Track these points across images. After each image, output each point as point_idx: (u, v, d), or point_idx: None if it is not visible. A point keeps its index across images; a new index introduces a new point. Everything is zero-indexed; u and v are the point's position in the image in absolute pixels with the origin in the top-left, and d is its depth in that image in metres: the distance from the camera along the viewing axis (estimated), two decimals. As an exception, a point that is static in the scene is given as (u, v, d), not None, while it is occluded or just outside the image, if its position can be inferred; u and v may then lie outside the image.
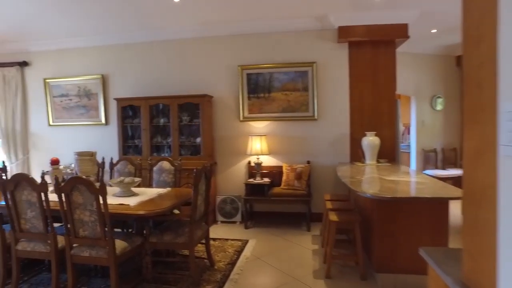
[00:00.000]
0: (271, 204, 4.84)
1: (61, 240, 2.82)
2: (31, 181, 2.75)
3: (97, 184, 2.56)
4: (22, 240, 2.93)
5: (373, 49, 4.73)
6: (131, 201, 3.01)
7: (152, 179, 4.10)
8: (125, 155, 5.08)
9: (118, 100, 5.08)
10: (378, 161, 4.52)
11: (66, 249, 2.75)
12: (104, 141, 5.47)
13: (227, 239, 4.27)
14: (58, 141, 5.74)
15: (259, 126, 5.03)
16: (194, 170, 2.97)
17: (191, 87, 5.08)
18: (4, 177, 2.91)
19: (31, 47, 5.65)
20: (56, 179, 2.67)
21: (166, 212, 2.88)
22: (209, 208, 3.45)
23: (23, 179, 2.77)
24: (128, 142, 5.19)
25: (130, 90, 5.30)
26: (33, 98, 5.78)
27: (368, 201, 3.25)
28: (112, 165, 4.25)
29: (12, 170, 5.90)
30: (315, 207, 4.80)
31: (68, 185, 2.61)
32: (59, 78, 5.55)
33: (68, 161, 4.91)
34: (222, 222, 4.98)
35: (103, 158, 4.35)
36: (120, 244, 2.76)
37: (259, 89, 4.97)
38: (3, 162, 5.73)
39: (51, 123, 5.71)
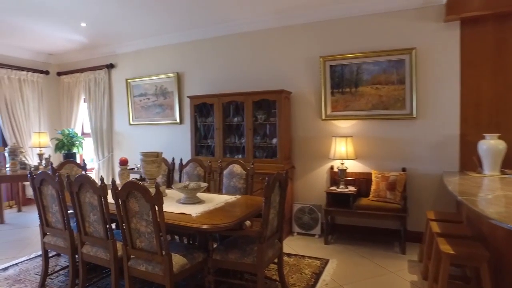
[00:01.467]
0: (357, 218, 4.10)
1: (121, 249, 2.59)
2: (93, 183, 2.56)
3: (153, 191, 2.22)
4: (86, 243, 2.79)
5: (497, 25, 3.66)
6: (194, 210, 2.64)
7: (222, 184, 3.75)
8: (197, 155, 4.86)
9: (191, 98, 4.88)
10: (502, 172, 3.46)
11: (123, 260, 2.49)
12: (178, 141, 5.36)
13: (303, 256, 3.69)
14: (137, 140, 5.84)
15: (344, 125, 4.33)
16: (266, 178, 2.46)
17: (267, 82, 4.62)
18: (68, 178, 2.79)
19: (117, 49, 5.84)
20: (113, 183, 2.42)
21: (233, 227, 2.43)
22: (283, 221, 2.92)
23: (86, 181, 2.61)
24: (201, 142, 4.97)
25: (204, 88, 5.08)
26: (117, 98, 5.98)
27: (499, 230, 2.36)
28: (181, 167, 4.02)
29: (99, 167, 6.21)
30: (412, 225, 3.93)
31: (124, 190, 2.33)
32: (139, 78, 5.62)
33: (144, 161, 4.87)
34: (299, 234, 4.41)
35: (173, 159, 4.15)
36: (178, 260, 2.40)
37: (345, 83, 4.27)
38: (84, 160, 6.06)
39: (131, 122, 5.83)
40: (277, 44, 4.61)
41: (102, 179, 2.51)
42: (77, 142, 5.95)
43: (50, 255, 3.15)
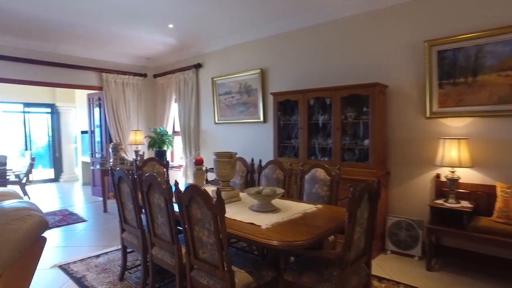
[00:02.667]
0: (474, 242, 3.23)
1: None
2: (160, 184, 2.43)
3: (215, 198, 1.95)
4: (156, 245, 2.69)
5: None
6: (265, 221, 2.30)
7: (303, 190, 3.34)
8: (280, 156, 4.53)
9: (274, 95, 4.57)
10: None
11: (186, 269, 2.30)
12: (261, 140, 5.11)
13: (398, 283, 3.03)
14: (221, 139, 5.81)
15: (457, 125, 3.48)
16: (351, 189, 1.98)
17: (358, 76, 4.03)
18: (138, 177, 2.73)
19: (203, 49, 5.91)
20: (176, 185, 2.23)
21: (308, 246, 2.01)
22: (373, 241, 2.37)
23: (154, 181, 2.49)
24: (284, 142, 4.62)
25: (288, 84, 4.72)
26: (204, 97, 6.05)
27: None
28: (260, 169, 3.73)
29: (187, 165, 6.39)
30: (559, 259, 2.91)
31: (186, 194, 2.11)
32: (224, 76, 5.56)
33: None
34: (394, 252, 3.71)
35: (252, 160, 3.89)
36: (242, 278, 2.09)
37: (458, 71, 3.42)
38: (165, 158, 6.26)
39: (216, 121, 5.82)
40: (369, 30, 3.98)
41: (167, 181, 2.35)
42: (167, 140, 6.21)
43: (129, 250, 3.19)
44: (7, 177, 6.84)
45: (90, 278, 3.13)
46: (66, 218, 5.31)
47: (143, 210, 2.74)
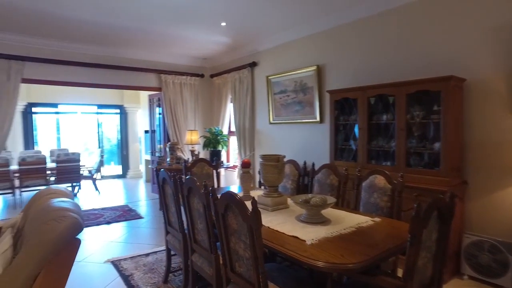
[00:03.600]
0: None
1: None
2: (198, 188, 2.28)
3: (250, 207, 1.73)
4: (196, 251, 2.56)
5: None
6: (311, 235, 2.02)
7: (359, 198, 2.97)
8: (336, 160, 4.16)
9: (331, 92, 4.21)
10: None
11: (223, 281, 2.11)
12: (318, 142, 4.78)
13: (478, 317, 2.51)
14: (276, 140, 5.58)
15: (559, 126, 2.80)
16: (414, 205, 1.61)
17: (426, 69, 3.49)
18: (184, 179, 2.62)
19: (258, 47, 5.74)
20: (213, 191, 2.06)
21: (360, 270, 1.69)
22: (443, 269, 1.95)
23: (193, 185, 2.36)
24: (341, 144, 4.24)
25: (346, 80, 4.32)
26: (259, 97, 5.88)
27: None
28: (312, 173, 3.43)
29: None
30: None
31: (221, 202, 1.92)
32: (278, 74, 5.32)
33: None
34: (472, 278, 3.13)
35: (304, 163, 3.60)
36: (282, 301, 1.84)
37: None
38: (220, 158, 6.17)
39: (271, 120, 5.61)
40: (441, 16, 3.42)
41: (206, 185, 2.19)
42: (221, 140, 6.17)
43: (174, 252, 3.13)
44: (81, 172, 7.41)
45: (137, 277, 3.13)
46: (125, 214, 5.54)
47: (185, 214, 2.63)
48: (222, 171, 6.78)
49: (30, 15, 4.34)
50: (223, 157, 6.72)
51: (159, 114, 7.41)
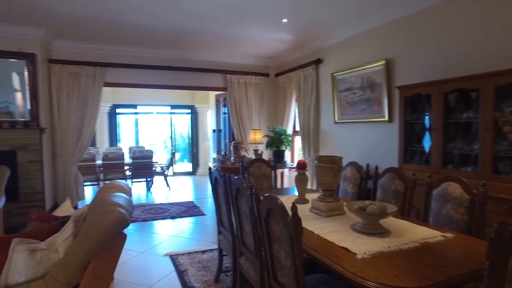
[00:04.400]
0: None
1: (270, 274, 2.10)
2: (245, 189, 2.20)
3: (291, 214, 1.58)
4: (243, 254, 2.49)
5: None
6: (365, 247, 1.80)
7: (428, 208, 2.59)
8: (406, 163, 3.75)
9: (401, 88, 3.80)
10: None
11: (266, 291, 2.00)
12: (386, 143, 4.37)
13: None
14: (341, 141, 5.27)
15: None
16: (494, 224, 1.29)
17: (524, 57, 2.91)
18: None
19: (323, 43, 5.49)
20: (256, 193, 1.95)
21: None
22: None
23: (240, 185, 2.29)
24: (412, 146, 3.80)
25: (419, 75, 3.85)
26: (324, 95, 5.63)
27: None
28: (375, 177, 3.12)
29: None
30: None
31: (263, 205, 1.81)
32: (344, 71, 5.00)
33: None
34: None
35: (367, 166, 3.30)
36: (326, 319, 1.65)
37: None
38: (271, 160, 6.00)
39: (336, 120, 5.32)
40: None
41: (251, 187, 2.09)
42: (285, 140, 6.05)
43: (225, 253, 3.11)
44: (154, 169, 7.95)
45: (190, 273, 3.18)
46: (189, 210, 5.76)
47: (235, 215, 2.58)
48: (285, 171, 6.66)
49: (110, 26, 4.77)
50: (287, 157, 6.59)
51: (225, 113, 7.58)
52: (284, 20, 4.57)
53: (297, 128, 6.62)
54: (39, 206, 4.85)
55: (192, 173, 10.77)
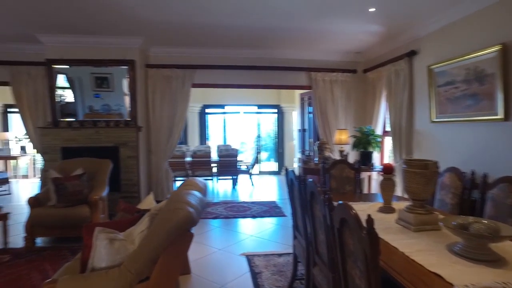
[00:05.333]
0: None
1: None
2: (319, 194, 2.00)
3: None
4: (317, 264, 2.28)
5: None
6: (466, 277, 1.45)
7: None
8: (527, 171, 3.04)
9: (521, 80, 3.10)
10: None
11: (340, 311, 1.76)
12: (497, 146, 3.64)
13: None
14: (438, 142, 4.59)
15: None
16: None
17: None
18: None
19: (417, 32, 4.85)
20: (330, 200, 1.73)
21: None
22: None
23: (314, 189, 2.09)
24: (537, 151, 3.07)
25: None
26: (418, 91, 4.98)
27: None
28: (483, 187, 2.58)
29: (397, 171, 5.51)
30: None
31: (337, 214, 1.59)
32: (444, 62, 4.33)
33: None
34: None
35: (472, 173, 2.76)
36: None
37: None
38: (371, 161, 5.48)
39: (433, 119, 4.65)
40: None
41: (325, 192, 1.88)
42: (372, 141, 5.56)
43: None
44: (239, 167, 8.17)
45: (264, 276, 3.09)
46: (270, 210, 5.71)
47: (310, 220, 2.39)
48: (374, 175, 6.14)
49: (197, 30, 5.02)
50: (376, 160, 6.07)
51: (310, 113, 7.35)
52: (371, 9, 4.16)
53: (388, 128, 6.04)
54: (135, 197, 5.36)
55: (277, 172, 10.79)
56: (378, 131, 6.09)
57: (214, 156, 8.14)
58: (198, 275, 3.15)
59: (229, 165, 7.73)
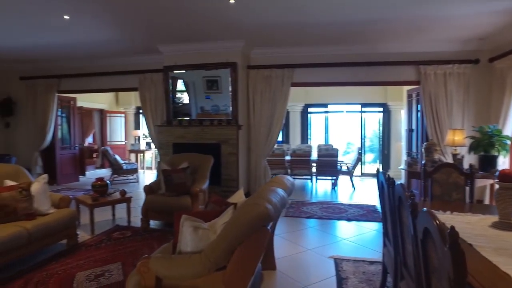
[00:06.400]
0: None
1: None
2: (405, 198, 1.79)
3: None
4: (404, 278, 2.04)
5: None
6: None
7: None
8: None
9: None
10: None
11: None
12: None
13: None
14: None
15: None
16: None
17: None
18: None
19: None
20: (413, 205, 1.52)
21: None
22: None
23: (402, 195, 1.88)
24: None
25: None
26: None
27: None
28: None
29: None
30: None
31: (420, 224, 1.39)
32: None
33: None
34: None
35: None
36: None
37: None
38: (495, 166, 4.58)
39: None
40: None
41: (411, 196, 1.67)
42: (497, 143, 4.68)
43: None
44: (339, 168, 7.90)
45: (350, 283, 2.92)
46: (368, 214, 5.36)
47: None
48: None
49: (295, 29, 5.08)
50: (503, 165, 5.10)
51: (418, 111, 6.63)
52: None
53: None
54: (234, 192, 5.67)
55: (381, 175, 10.05)
56: (507, 131, 5.10)
57: (314, 155, 8.06)
58: (283, 272, 3.17)
59: (328, 165, 7.54)
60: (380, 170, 2.78)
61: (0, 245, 2.91)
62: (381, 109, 10.03)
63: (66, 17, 4.60)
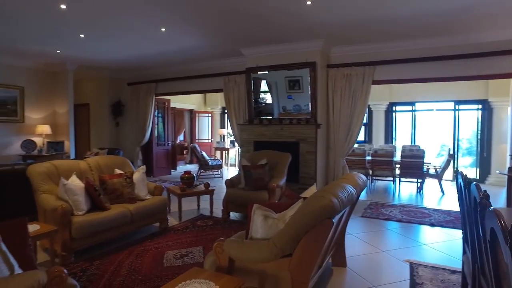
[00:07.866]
0: None
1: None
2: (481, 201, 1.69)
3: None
4: (485, 288, 1.91)
5: None
6: None
7: None
8: None
9: None
10: None
11: None
12: None
13: None
14: None
15: None
16: None
17: None
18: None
19: None
20: (482, 204, 1.45)
21: None
22: None
23: (477, 195, 1.78)
24: None
25: None
26: None
27: None
28: None
29: None
30: None
31: (488, 222, 1.34)
32: None
33: None
34: None
35: None
36: None
37: None
38: None
39: None
40: None
41: (483, 196, 1.58)
42: None
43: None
44: (424, 170, 7.34)
45: (426, 290, 2.78)
46: (455, 221, 4.89)
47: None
48: None
49: (375, 25, 4.92)
50: None
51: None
52: None
53: None
54: (310, 190, 5.77)
55: (480, 181, 8.98)
56: None
57: (398, 156, 7.63)
58: (353, 270, 3.16)
59: (412, 166, 7.07)
60: (476, 175, 2.59)
61: (112, 221, 3.61)
62: (479, 106, 8.97)
63: (163, 29, 5.27)
